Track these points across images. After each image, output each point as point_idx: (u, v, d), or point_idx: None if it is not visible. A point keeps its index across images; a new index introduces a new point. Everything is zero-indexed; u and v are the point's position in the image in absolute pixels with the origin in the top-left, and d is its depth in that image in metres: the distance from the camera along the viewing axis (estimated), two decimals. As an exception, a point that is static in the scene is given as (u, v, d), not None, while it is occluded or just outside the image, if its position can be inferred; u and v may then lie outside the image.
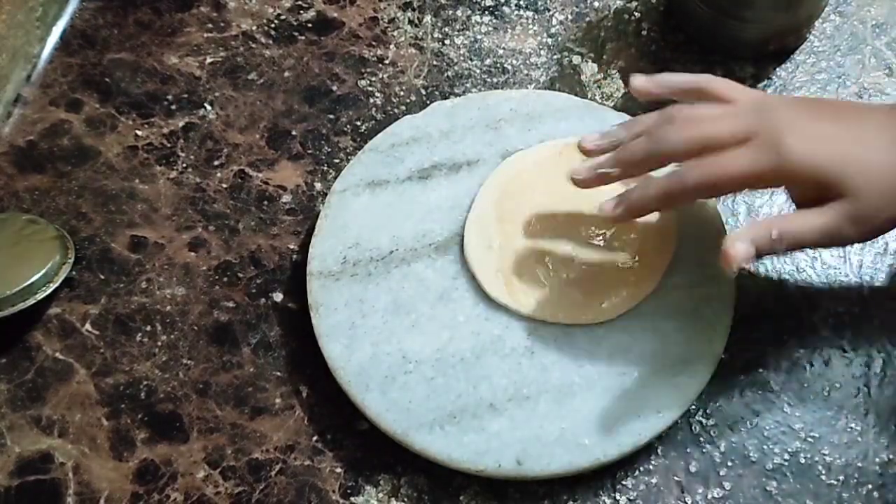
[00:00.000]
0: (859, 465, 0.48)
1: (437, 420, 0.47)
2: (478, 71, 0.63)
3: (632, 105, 0.60)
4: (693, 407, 0.49)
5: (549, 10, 0.65)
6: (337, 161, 0.59)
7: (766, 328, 0.52)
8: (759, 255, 0.42)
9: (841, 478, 0.47)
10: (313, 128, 0.61)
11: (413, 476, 0.48)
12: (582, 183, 0.48)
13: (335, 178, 0.56)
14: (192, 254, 0.56)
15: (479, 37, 0.64)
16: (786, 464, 0.48)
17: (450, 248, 0.53)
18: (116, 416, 0.51)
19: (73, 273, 0.55)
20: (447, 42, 0.64)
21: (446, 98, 0.60)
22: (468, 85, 0.62)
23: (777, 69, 0.61)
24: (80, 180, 0.59)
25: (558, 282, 0.50)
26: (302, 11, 0.66)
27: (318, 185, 0.58)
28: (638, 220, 0.49)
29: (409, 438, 0.47)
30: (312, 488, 0.48)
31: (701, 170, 0.44)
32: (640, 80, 0.49)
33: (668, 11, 0.64)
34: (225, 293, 0.55)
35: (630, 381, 0.48)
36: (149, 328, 0.53)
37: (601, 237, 0.51)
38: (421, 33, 0.65)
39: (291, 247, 0.56)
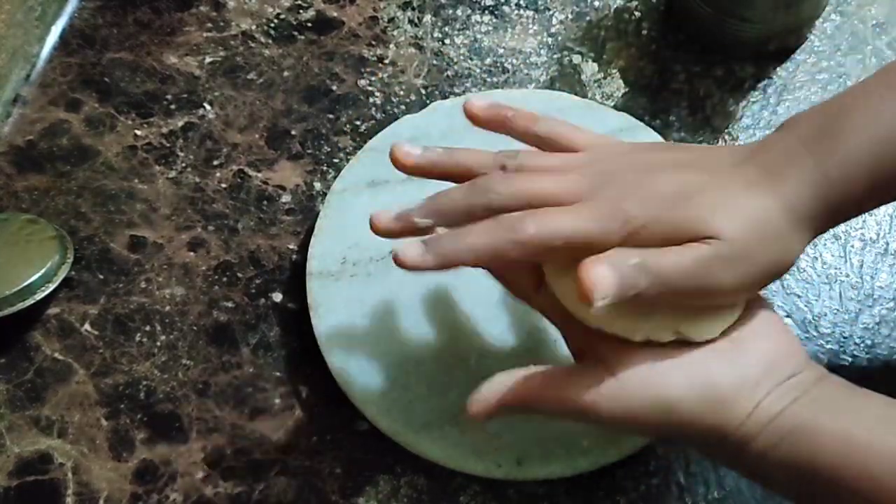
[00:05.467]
0: (860, 465, 0.48)
1: (437, 420, 0.47)
2: (478, 70, 0.62)
3: (632, 105, 0.60)
4: (693, 407, 0.49)
5: (549, 10, 0.65)
6: (337, 161, 0.59)
7: (767, 328, 0.52)
8: (622, 290, 0.34)
9: (841, 478, 0.47)
10: (313, 127, 0.60)
11: (412, 476, 0.48)
12: (381, 231, 0.39)
13: (335, 177, 0.56)
14: (192, 254, 0.56)
15: (479, 36, 0.64)
16: (786, 464, 0.48)
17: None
18: (116, 416, 0.51)
19: (73, 273, 0.55)
20: (447, 41, 0.64)
21: (446, 98, 0.60)
22: (468, 84, 0.62)
23: (777, 69, 0.61)
24: (79, 180, 0.59)
25: None
26: (301, 11, 0.66)
27: (317, 185, 0.58)
28: None
29: (409, 439, 0.47)
30: (312, 488, 0.48)
31: (539, 221, 0.36)
32: (475, 104, 0.43)
33: (669, 11, 0.64)
34: (224, 293, 0.54)
35: (630, 381, 0.48)
36: (148, 328, 0.53)
37: None
38: (421, 33, 0.64)
39: (291, 247, 0.56)
